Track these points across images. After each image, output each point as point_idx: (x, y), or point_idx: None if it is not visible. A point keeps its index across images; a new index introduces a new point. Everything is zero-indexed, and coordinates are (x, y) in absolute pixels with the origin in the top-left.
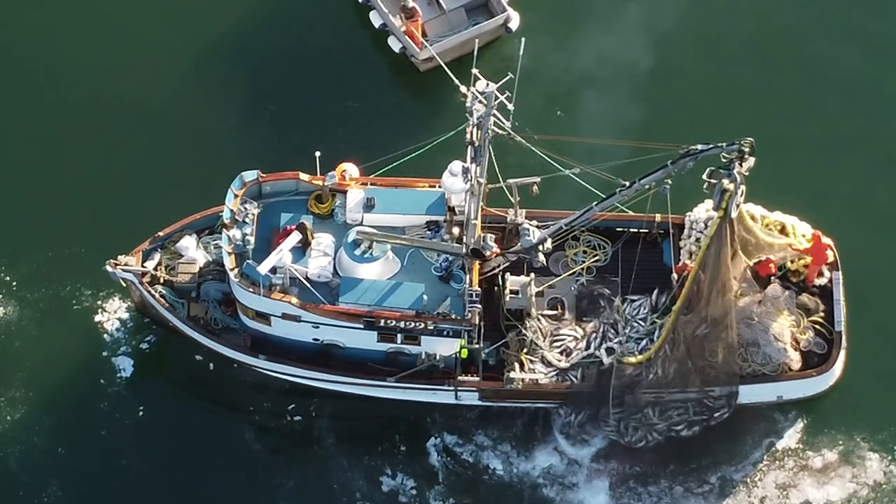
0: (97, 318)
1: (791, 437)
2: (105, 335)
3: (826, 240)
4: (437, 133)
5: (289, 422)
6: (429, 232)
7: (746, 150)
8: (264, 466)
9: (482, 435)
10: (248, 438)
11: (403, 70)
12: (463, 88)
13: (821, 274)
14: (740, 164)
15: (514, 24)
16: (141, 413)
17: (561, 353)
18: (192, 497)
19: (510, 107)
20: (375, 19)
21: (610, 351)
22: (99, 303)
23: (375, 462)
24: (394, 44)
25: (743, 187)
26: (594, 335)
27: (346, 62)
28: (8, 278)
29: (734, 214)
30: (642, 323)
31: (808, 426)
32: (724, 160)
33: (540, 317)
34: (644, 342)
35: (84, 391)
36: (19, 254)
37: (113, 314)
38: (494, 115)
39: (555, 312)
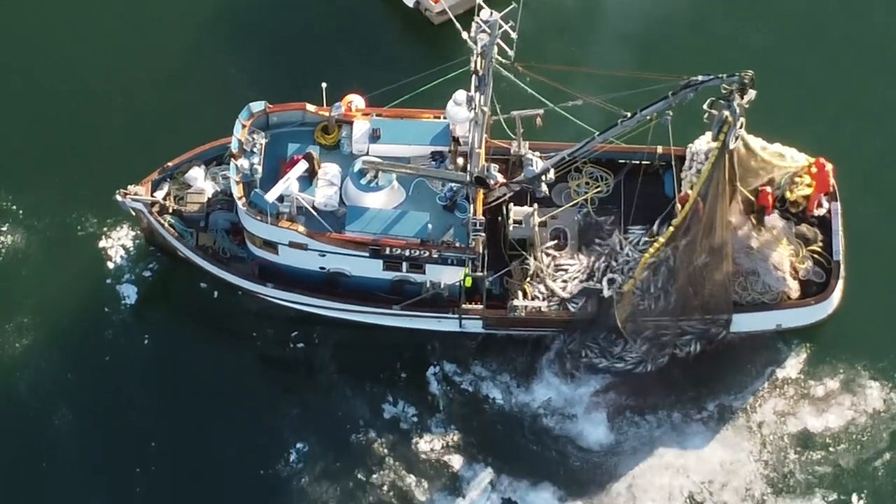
0: (101, 244)
1: (792, 367)
2: (109, 263)
3: (829, 167)
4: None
5: (292, 349)
6: (433, 162)
7: (747, 82)
8: (268, 393)
9: (480, 365)
10: (252, 366)
11: (417, 24)
12: (470, 44)
13: (820, 204)
14: (741, 97)
15: None
16: (146, 340)
17: (563, 282)
18: (196, 423)
19: (514, 35)
20: None
21: (611, 281)
22: (105, 230)
23: (377, 390)
24: None
25: (742, 119)
26: (596, 265)
27: (359, 16)
28: (14, 207)
29: (732, 146)
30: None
31: (811, 355)
32: (724, 91)
33: (543, 247)
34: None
35: (90, 318)
36: (26, 183)
37: (117, 241)
38: (498, 44)
39: (557, 242)
